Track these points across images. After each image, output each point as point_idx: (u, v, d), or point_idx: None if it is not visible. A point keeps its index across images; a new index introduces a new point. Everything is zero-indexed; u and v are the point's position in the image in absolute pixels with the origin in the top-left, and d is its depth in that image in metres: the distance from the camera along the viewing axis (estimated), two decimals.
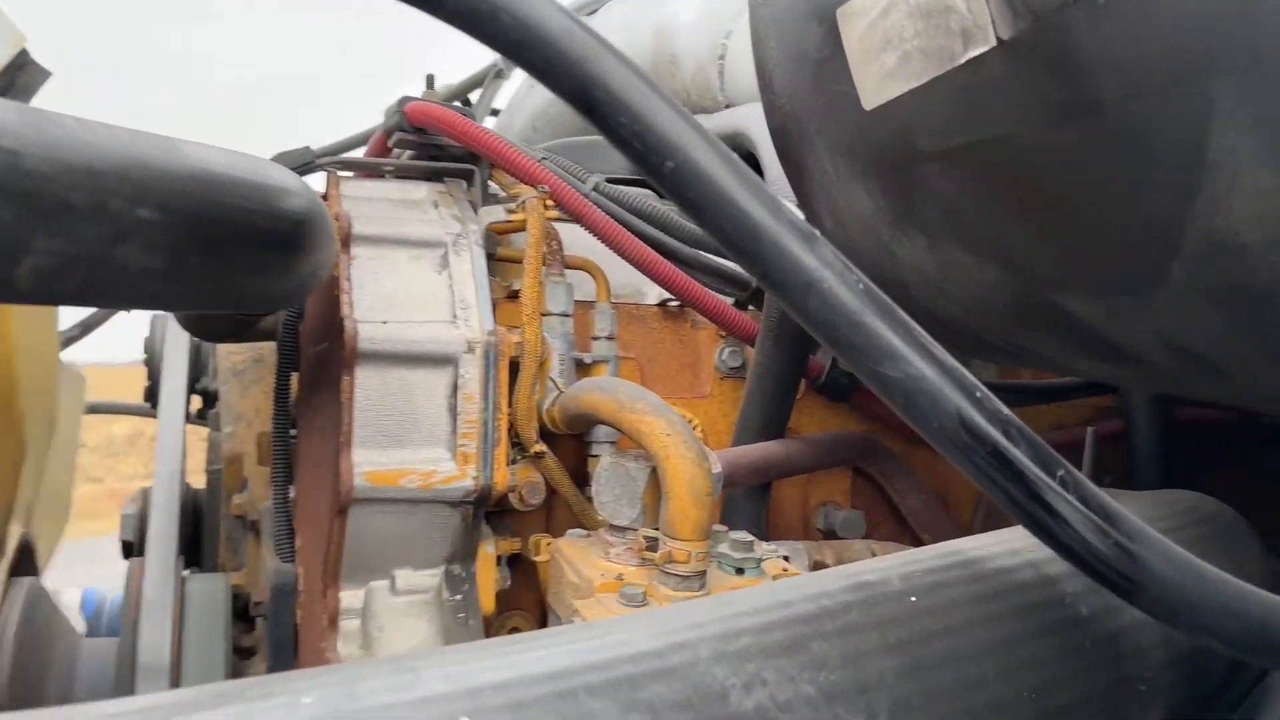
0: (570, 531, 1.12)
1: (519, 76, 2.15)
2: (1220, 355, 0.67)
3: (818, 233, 0.62)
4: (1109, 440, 1.42)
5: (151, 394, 2.09)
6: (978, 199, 0.74)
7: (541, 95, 1.97)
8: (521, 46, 0.50)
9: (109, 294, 0.68)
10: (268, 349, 1.79)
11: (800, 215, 0.65)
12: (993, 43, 0.65)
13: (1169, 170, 0.58)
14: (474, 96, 2.10)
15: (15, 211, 0.59)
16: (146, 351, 2.07)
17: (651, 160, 0.54)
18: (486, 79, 2.06)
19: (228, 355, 1.83)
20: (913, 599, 0.71)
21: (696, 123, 0.55)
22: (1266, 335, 0.59)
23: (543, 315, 1.19)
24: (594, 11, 2.03)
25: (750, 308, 1.30)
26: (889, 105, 0.77)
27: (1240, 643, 0.64)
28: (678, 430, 0.95)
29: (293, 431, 1.36)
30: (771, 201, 0.60)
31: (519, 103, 2.08)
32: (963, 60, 0.67)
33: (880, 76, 0.77)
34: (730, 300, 1.30)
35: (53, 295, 0.65)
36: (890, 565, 0.77)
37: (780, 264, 0.61)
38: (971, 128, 0.70)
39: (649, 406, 0.97)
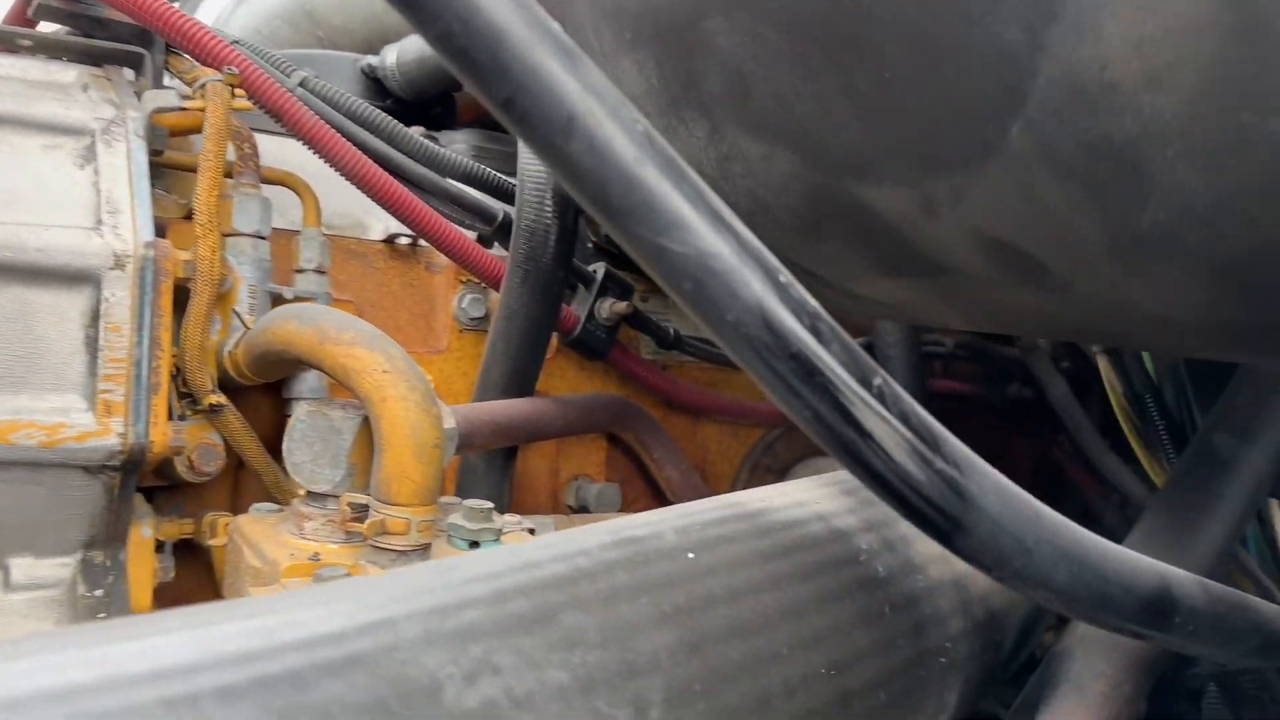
0: (255, 506, 0.89)
1: None
2: (1053, 248, 0.56)
3: (583, 54, 0.45)
4: None
5: None
6: (768, 60, 0.60)
7: (260, 5, 1.69)
8: None
9: None
10: None
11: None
12: None
13: None
14: None
15: None
16: None
17: None
18: None
19: None
20: (690, 555, 0.56)
21: None
22: (1120, 208, 0.49)
23: (229, 236, 0.95)
24: None
25: (496, 245, 1.13)
26: None
27: (1073, 595, 0.54)
28: (397, 367, 0.76)
29: None
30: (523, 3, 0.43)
31: (226, 18, 1.79)
32: None
33: None
34: (474, 235, 1.11)
35: None
36: (662, 518, 0.62)
37: (531, 87, 0.44)
38: None
39: (360, 337, 0.77)
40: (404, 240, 1.16)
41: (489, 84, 0.42)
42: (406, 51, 1.33)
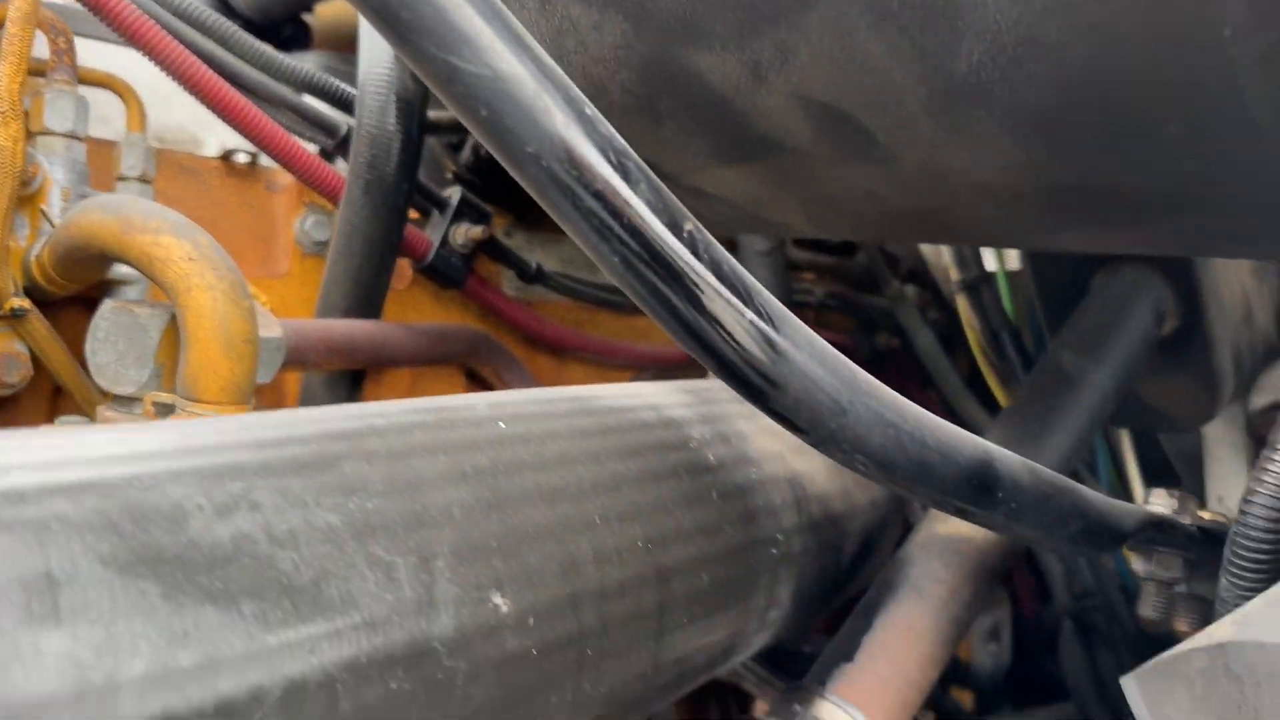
0: (61, 419, 0.83)
1: None
2: (875, 108, 0.56)
3: None
4: None
5: None
6: None
7: None
8: None
9: None
10: None
11: None
12: None
13: None
14: None
15: None
16: None
17: None
18: None
19: None
20: (501, 424, 0.54)
21: None
22: (936, 53, 0.48)
23: (41, 135, 0.89)
24: None
25: (341, 161, 1.08)
26: None
27: (891, 461, 0.54)
28: (205, 254, 0.71)
29: None
30: None
31: None
32: None
33: None
34: (317, 149, 1.06)
35: None
36: (479, 396, 0.59)
37: None
38: None
39: (167, 225, 0.72)
40: (242, 158, 1.10)
41: None
42: None
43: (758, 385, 0.50)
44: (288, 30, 1.29)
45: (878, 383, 0.54)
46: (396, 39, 0.44)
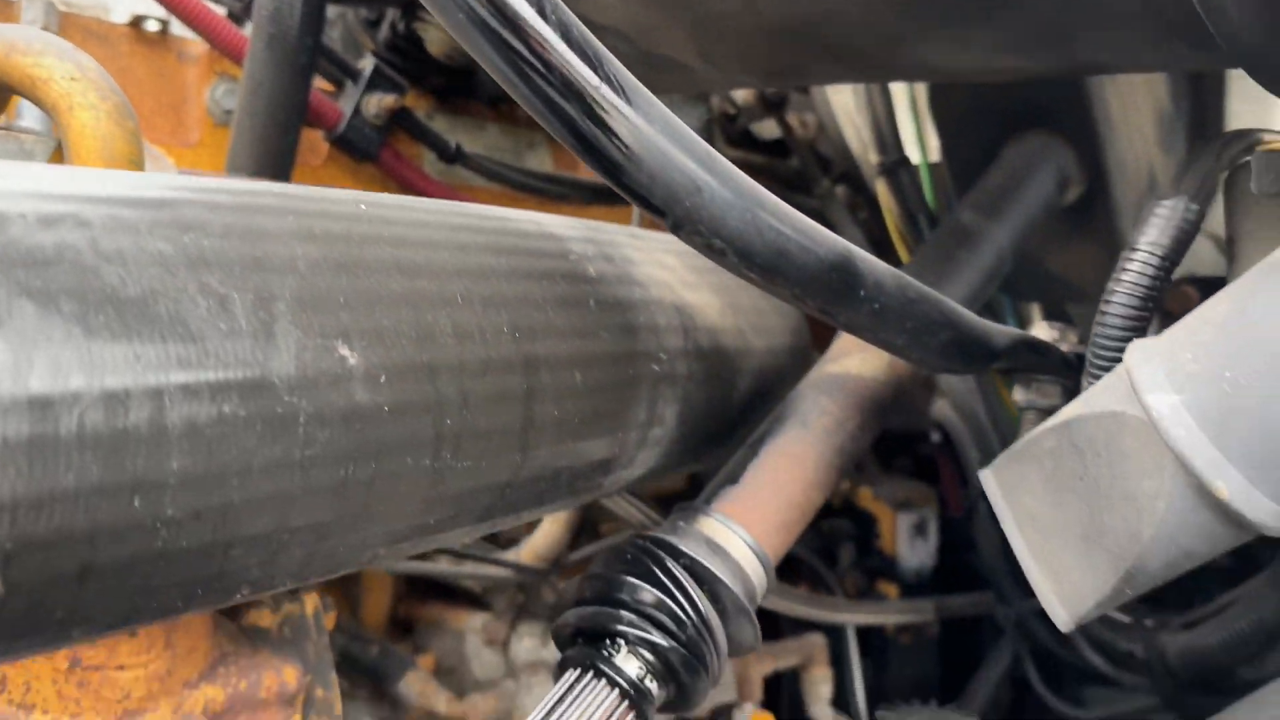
0: None
1: None
2: None
3: None
4: None
5: None
6: None
7: None
8: None
9: None
10: None
11: None
12: None
13: None
14: None
15: None
16: None
17: None
18: None
19: None
20: (362, 206, 0.54)
21: None
22: None
23: None
24: None
25: (250, 25, 1.07)
26: None
27: (748, 246, 0.55)
28: (89, 76, 0.71)
29: None
30: None
31: None
32: None
33: None
34: (224, 11, 1.05)
35: None
36: (343, 192, 0.60)
37: None
38: None
39: (51, 47, 0.72)
40: (152, 25, 1.08)
41: None
42: None
43: (610, 157, 0.51)
44: None
45: (735, 168, 0.55)
46: None
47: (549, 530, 1.22)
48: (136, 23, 1.08)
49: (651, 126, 0.51)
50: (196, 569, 0.43)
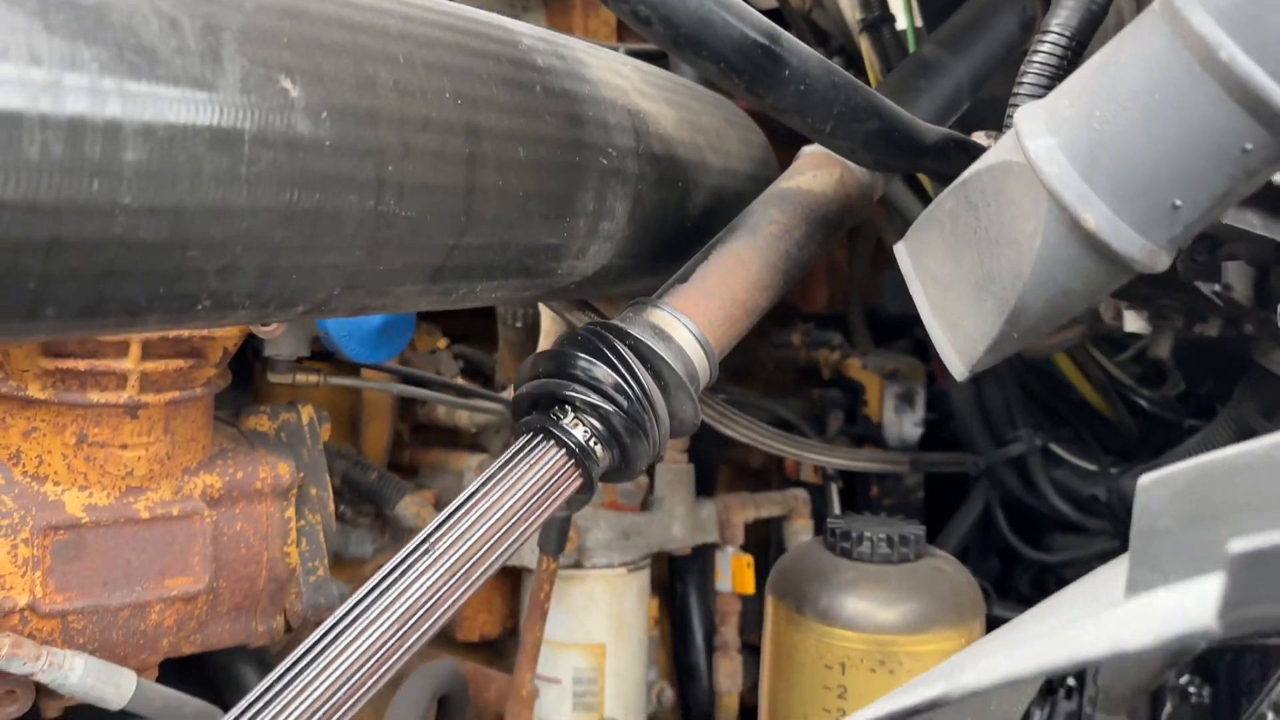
0: None
1: None
2: None
3: None
4: None
5: None
6: None
7: None
8: None
9: None
10: None
11: None
12: None
13: None
14: None
15: None
16: None
17: None
18: None
19: None
20: None
21: None
22: None
23: None
24: None
25: None
26: None
27: (672, 14, 0.59)
28: None
29: None
30: None
31: None
32: None
33: None
34: None
35: None
36: None
37: None
38: None
39: None
40: None
41: None
42: None
43: None
44: None
45: None
46: None
47: None
48: None
49: None
50: (155, 262, 0.49)
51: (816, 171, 0.88)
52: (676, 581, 1.58)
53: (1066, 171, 0.54)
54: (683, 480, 1.40)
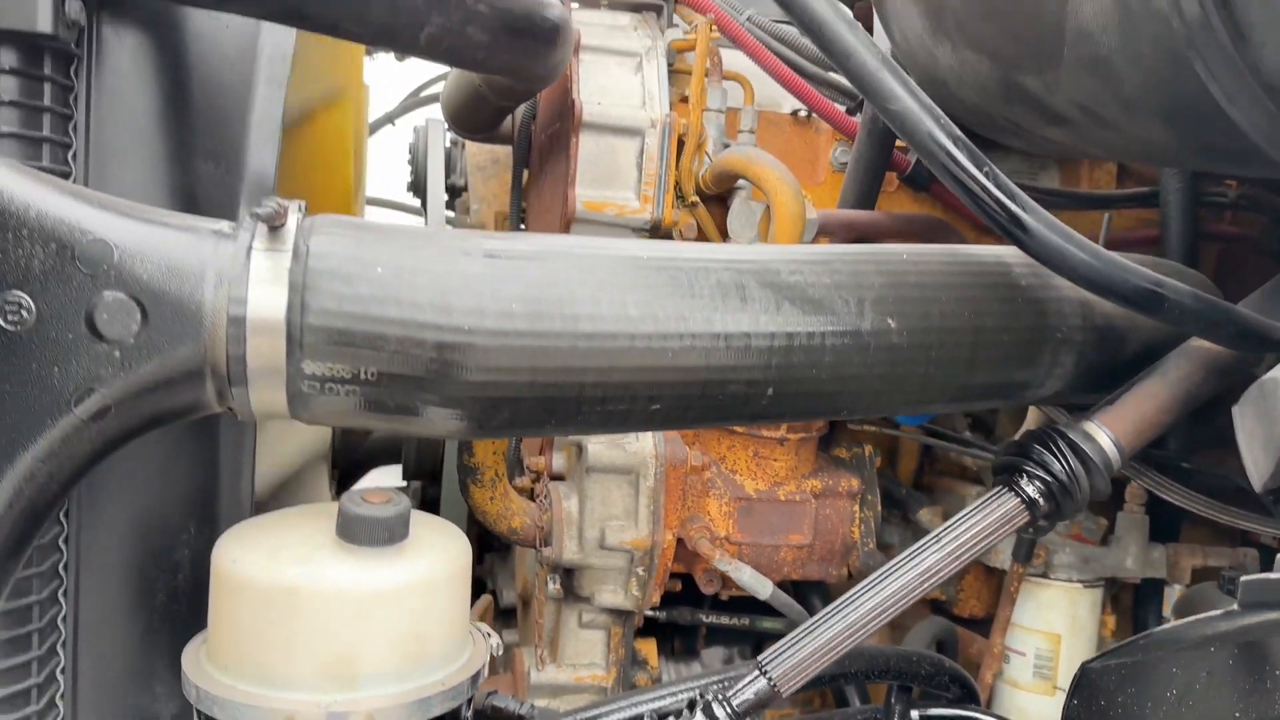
0: None
1: None
2: (1103, 110, 1.09)
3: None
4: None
5: (415, 187, 2.73)
6: (969, 7, 1.17)
7: None
8: None
9: (462, 57, 1.21)
10: (503, 151, 2.36)
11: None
12: None
13: None
14: None
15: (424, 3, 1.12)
16: (411, 153, 2.70)
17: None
18: None
19: (473, 156, 2.41)
20: (904, 255, 1.18)
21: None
22: (1118, 93, 1.02)
23: (704, 110, 1.67)
24: None
25: (858, 115, 1.74)
26: None
27: (1090, 279, 1.08)
28: (785, 177, 1.43)
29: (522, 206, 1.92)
30: (864, 39, 1.03)
31: None
32: None
33: None
34: (844, 108, 1.74)
35: (435, 55, 1.18)
36: (896, 246, 1.23)
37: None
38: None
39: (767, 161, 1.46)
40: (802, 113, 1.81)
41: (847, 75, 1.05)
42: None
43: (1019, 236, 1.08)
44: None
45: (1083, 238, 1.08)
46: (871, 98, 1.09)
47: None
48: (794, 113, 1.81)
49: (1046, 227, 1.07)
50: (822, 407, 1.12)
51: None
52: (1137, 606, 1.95)
53: None
54: (1136, 525, 1.78)
